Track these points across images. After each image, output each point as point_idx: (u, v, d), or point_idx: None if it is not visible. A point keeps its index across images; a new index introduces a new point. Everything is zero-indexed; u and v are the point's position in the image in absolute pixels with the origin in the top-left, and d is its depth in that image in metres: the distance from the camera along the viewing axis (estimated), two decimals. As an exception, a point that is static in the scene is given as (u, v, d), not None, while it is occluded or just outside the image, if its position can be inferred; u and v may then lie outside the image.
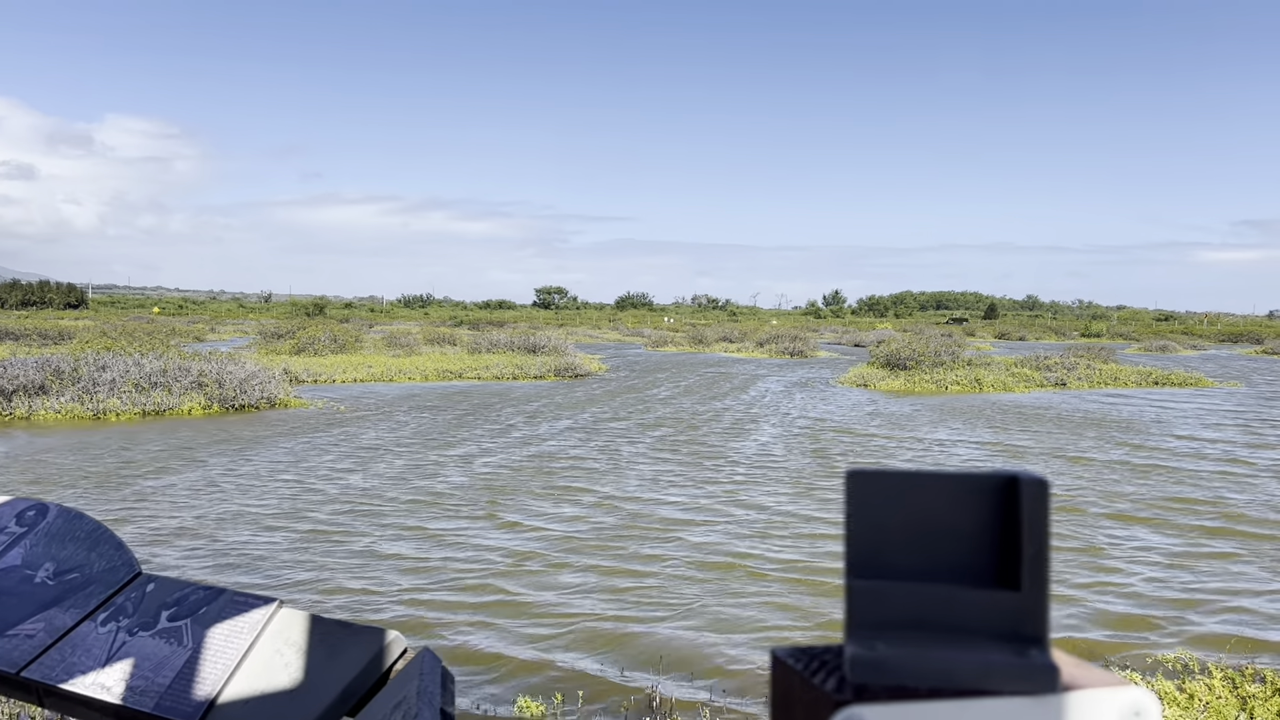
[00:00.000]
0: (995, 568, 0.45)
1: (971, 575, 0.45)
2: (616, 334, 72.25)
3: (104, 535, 1.88)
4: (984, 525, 0.45)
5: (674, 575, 7.52)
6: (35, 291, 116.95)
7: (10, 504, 2.01)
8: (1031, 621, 0.45)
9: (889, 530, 0.45)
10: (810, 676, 0.44)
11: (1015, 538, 0.45)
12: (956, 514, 0.45)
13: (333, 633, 1.56)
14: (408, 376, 26.83)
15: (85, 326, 45.96)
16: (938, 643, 0.45)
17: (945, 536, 0.45)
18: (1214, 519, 9.78)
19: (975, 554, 0.45)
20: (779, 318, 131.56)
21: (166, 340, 22.84)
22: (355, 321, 72.39)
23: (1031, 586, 0.45)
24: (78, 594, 1.76)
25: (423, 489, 10.79)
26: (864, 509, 0.45)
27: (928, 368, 27.84)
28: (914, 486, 0.45)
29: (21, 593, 1.79)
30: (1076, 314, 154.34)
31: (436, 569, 7.66)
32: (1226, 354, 53.88)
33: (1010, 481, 0.45)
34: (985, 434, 16.57)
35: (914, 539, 0.45)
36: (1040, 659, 0.44)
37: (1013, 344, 68.98)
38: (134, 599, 1.73)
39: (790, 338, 46.75)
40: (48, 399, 16.78)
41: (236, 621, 1.62)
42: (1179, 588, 7.42)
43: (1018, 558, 0.45)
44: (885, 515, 0.45)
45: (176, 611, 1.67)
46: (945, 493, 0.45)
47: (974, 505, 0.45)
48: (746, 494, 10.60)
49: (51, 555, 1.85)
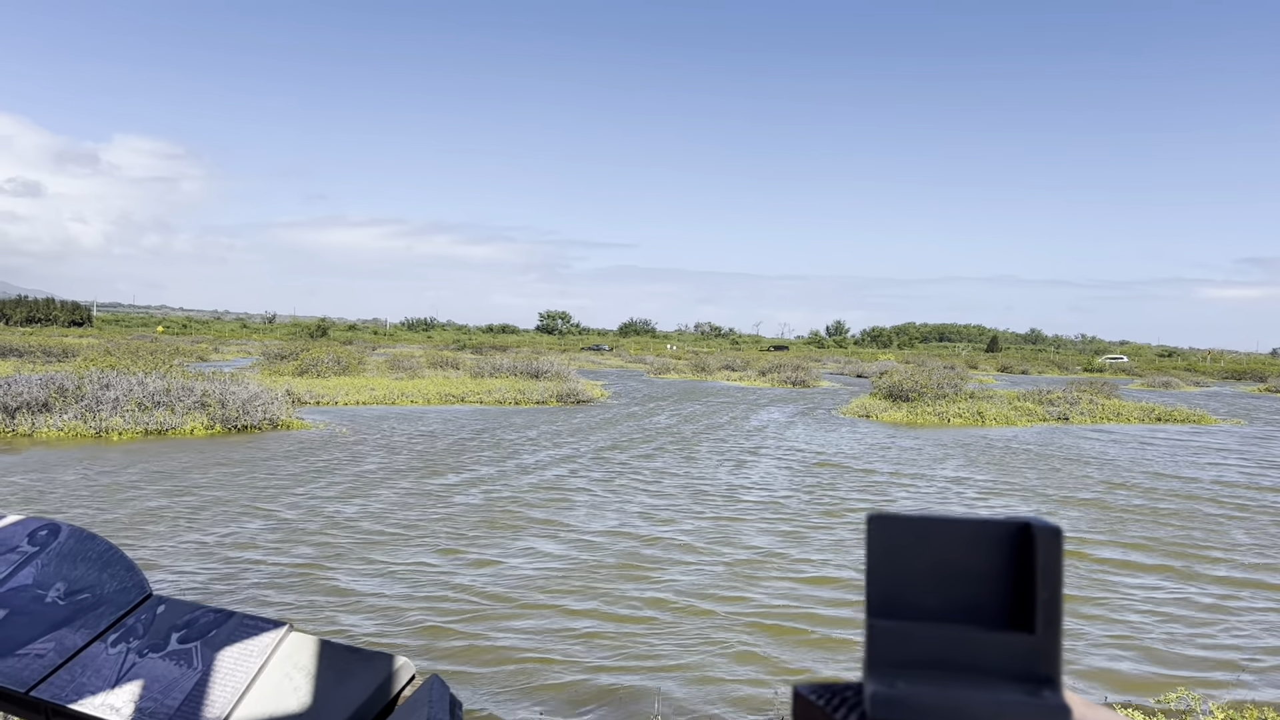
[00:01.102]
0: (1010, 610, 0.44)
1: (987, 617, 0.44)
2: (619, 360, 72.29)
3: (115, 556, 1.90)
4: (999, 569, 0.44)
5: (647, 620, 7.22)
6: (40, 309, 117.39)
7: (23, 523, 2.02)
8: (1045, 663, 0.43)
9: (908, 572, 0.45)
10: (832, 712, 0.45)
11: (1030, 582, 0.44)
12: (973, 558, 0.46)
13: (342, 658, 1.57)
14: (410, 399, 26.85)
15: (89, 344, 46.09)
16: (955, 682, 0.45)
17: (962, 579, 0.46)
18: (1240, 570, 9.50)
19: (991, 597, 0.44)
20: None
21: (170, 360, 22.89)
22: (358, 344, 72.53)
23: (1045, 629, 0.43)
24: (88, 614, 1.77)
25: (404, 520, 10.53)
26: (884, 552, 0.45)
27: (930, 400, 27.84)
28: (932, 531, 0.45)
29: (32, 612, 1.80)
30: (1079, 349, 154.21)
31: (395, 610, 7.34)
32: (1230, 391, 53.80)
33: (1025, 528, 0.46)
34: (990, 472, 16.54)
35: (932, 581, 0.46)
36: (1053, 699, 0.45)
37: (1015, 377, 68.94)
38: (144, 620, 1.73)
39: (793, 367, 46.77)
40: (50, 416, 16.81)
41: (246, 645, 1.62)
42: (1199, 644, 7.37)
43: (1032, 601, 0.43)
44: (904, 558, 0.46)
45: (187, 634, 1.68)
46: (962, 537, 0.46)
47: (990, 550, 0.44)
48: (739, 532, 10.33)
49: (63, 575, 1.87)
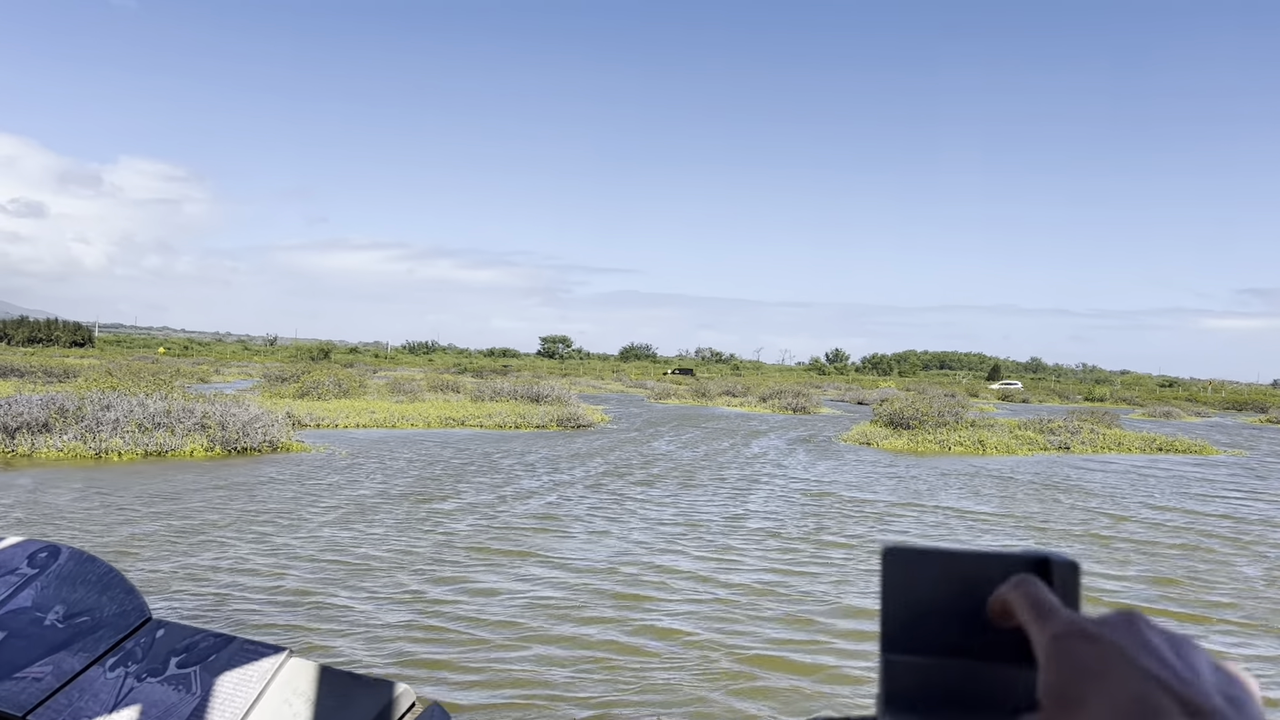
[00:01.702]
0: (1027, 646, 0.45)
1: (1003, 652, 0.46)
2: (620, 385, 72.27)
3: (115, 579, 1.89)
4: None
5: (645, 652, 6.94)
6: (42, 329, 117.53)
7: (22, 545, 2.02)
8: None
9: (923, 606, 0.46)
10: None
11: None
12: (989, 592, 0.46)
13: (342, 684, 1.57)
14: (410, 423, 26.81)
15: (91, 365, 46.11)
16: (972, 718, 0.45)
17: (979, 614, 0.46)
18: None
19: (1007, 632, 0.46)
20: (782, 373, 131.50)
21: (171, 381, 22.91)
22: (359, 367, 72.56)
23: None
24: (87, 638, 1.77)
25: (398, 547, 10.31)
26: (898, 585, 0.46)
27: (931, 428, 27.79)
28: (948, 563, 0.46)
29: (31, 635, 1.79)
30: (1080, 378, 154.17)
31: (386, 638, 7.25)
32: (1232, 422, 53.71)
33: (1042, 562, 0.46)
34: (993, 504, 16.48)
35: (947, 616, 0.46)
36: None
37: (1015, 406, 68.89)
38: (143, 644, 1.73)
39: (793, 394, 46.73)
40: (50, 437, 16.78)
41: (245, 670, 1.62)
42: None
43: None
44: (919, 591, 0.46)
45: (186, 658, 1.67)
46: (979, 570, 0.46)
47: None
48: (736, 566, 9.94)
49: (62, 598, 1.86)
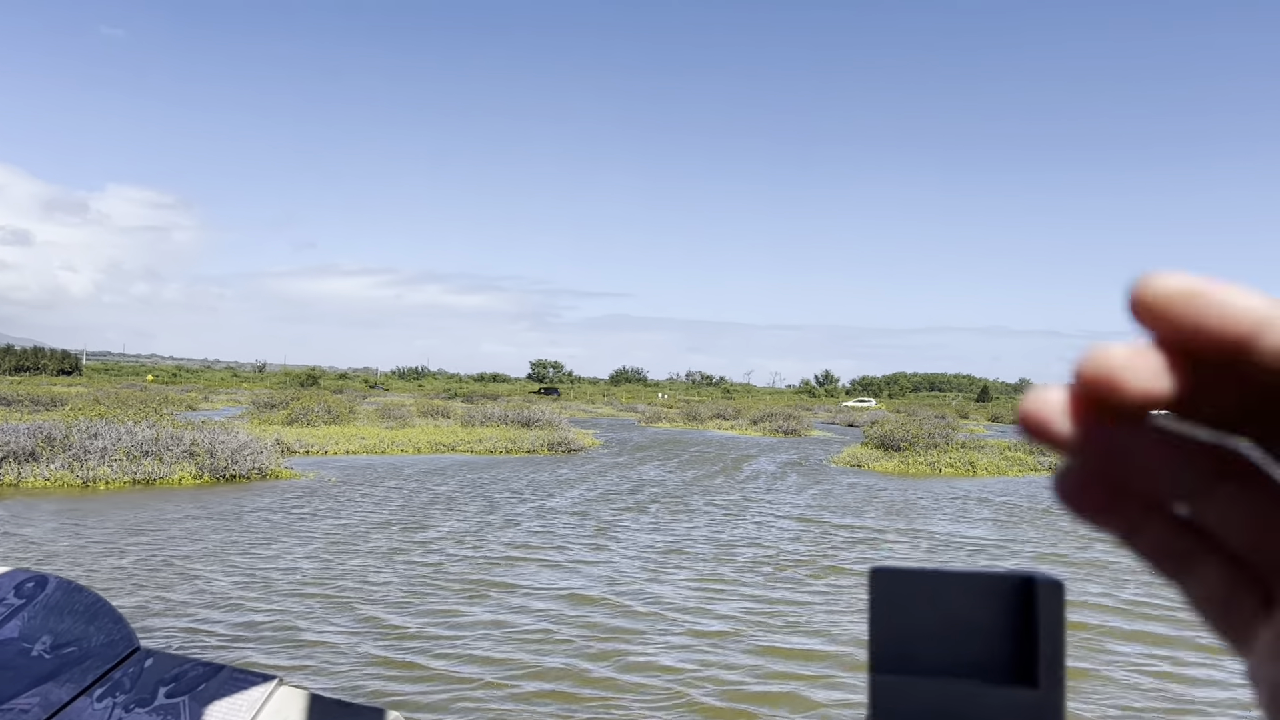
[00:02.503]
0: (1013, 665, 0.45)
1: (991, 672, 0.44)
2: (610, 409, 72.18)
3: (103, 608, 1.88)
4: (1002, 624, 0.44)
5: (631, 687, 6.75)
6: (29, 357, 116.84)
7: (10, 575, 2.01)
8: (1049, 718, 0.43)
9: (910, 626, 0.45)
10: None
11: (1033, 637, 0.44)
12: (975, 612, 0.46)
13: (332, 712, 1.56)
14: (400, 449, 26.71)
15: (78, 393, 45.84)
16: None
17: (965, 634, 0.45)
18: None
19: (994, 652, 0.44)
20: (773, 396, 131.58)
21: (160, 408, 22.76)
22: (349, 393, 72.26)
23: (1049, 685, 0.43)
24: (74, 668, 1.75)
25: (381, 578, 10.18)
26: (886, 606, 0.45)
27: (921, 449, 27.82)
28: (935, 584, 0.45)
29: (18, 666, 1.78)
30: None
31: (365, 670, 7.19)
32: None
33: (1027, 582, 0.46)
34: (984, 527, 16.50)
35: (934, 636, 0.46)
36: None
37: (1005, 427, 69.03)
38: (131, 674, 1.72)
39: (784, 416, 46.76)
40: (38, 465, 16.66)
41: (235, 699, 1.61)
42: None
43: (1035, 656, 0.44)
44: (907, 612, 0.46)
45: (175, 688, 1.66)
46: (964, 591, 0.46)
47: (992, 605, 0.44)
48: (724, 595, 9.69)
49: (50, 628, 1.85)
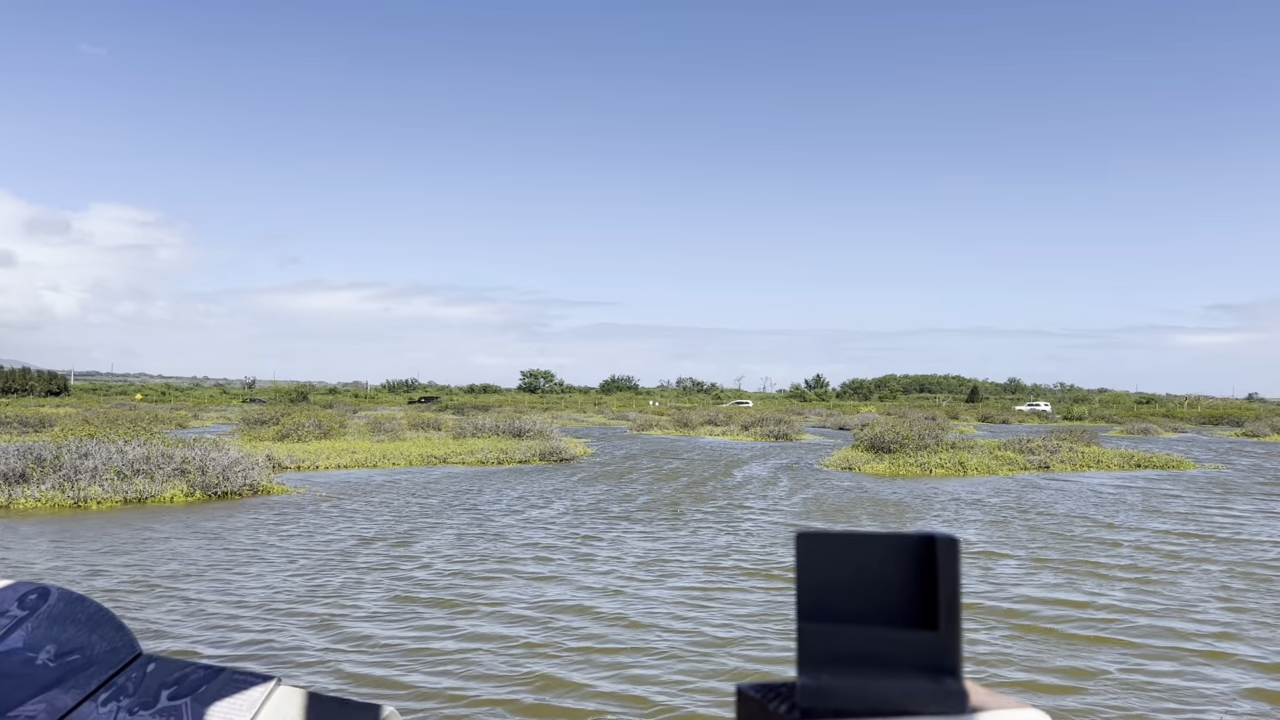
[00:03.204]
0: (918, 612, 0.55)
1: (899, 618, 0.55)
2: (602, 417, 72.22)
3: (105, 617, 1.93)
4: (908, 577, 0.54)
5: (618, 696, 6.69)
6: (16, 379, 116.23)
7: (12, 587, 2.06)
8: (947, 656, 0.54)
9: (831, 581, 0.55)
10: (767, 704, 0.53)
11: (933, 587, 0.54)
12: (886, 568, 0.55)
13: (330, 710, 1.61)
14: (392, 462, 26.70)
15: (67, 414, 45.66)
16: (872, 673, 0.54)
17: (877, 586, 0.55)
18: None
19: (901, 600, 0.55)
20: (764, 401, 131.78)
21: (150, 427, 22.71)
22: (339, 407, 72.16)
23: (947, 627, 0.54)
24: (79, 675, 1.81)
25: (369, 595, 10.32)
26: (811, 564, 0.54)
27: (912, 451, 27.95)
28: (852, 545, 0.55)
29: (23, 675, 1.83)
30: (1058, 397, 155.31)
31: (345, 690, 7.28)
32: (1208, 437, 54.27)
33: (928, 540, 0.54)
34: (975, 528, 16.57)
35: (852, 589, 0.55)
36: (954, 686, 0.54)
37: (995, 427, 69.30)
38: (134, 679, 1.77)
39: (775, 421, 46.87)
40: (28, 487, 16.62)
41: (235, 699, 1.66)
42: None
43: (935, 603, 0.54)
44: (828, 569, 0.55)
45: (177, 690, 1.71)
46: (877, 550, 0.55)
47: (900, 560, 0.55)
48: (705, 605, 9.50)
49: (53, 638, 1.90)
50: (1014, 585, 10.45)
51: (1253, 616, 9.14)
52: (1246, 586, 10.54)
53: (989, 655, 7.70)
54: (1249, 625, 8.80)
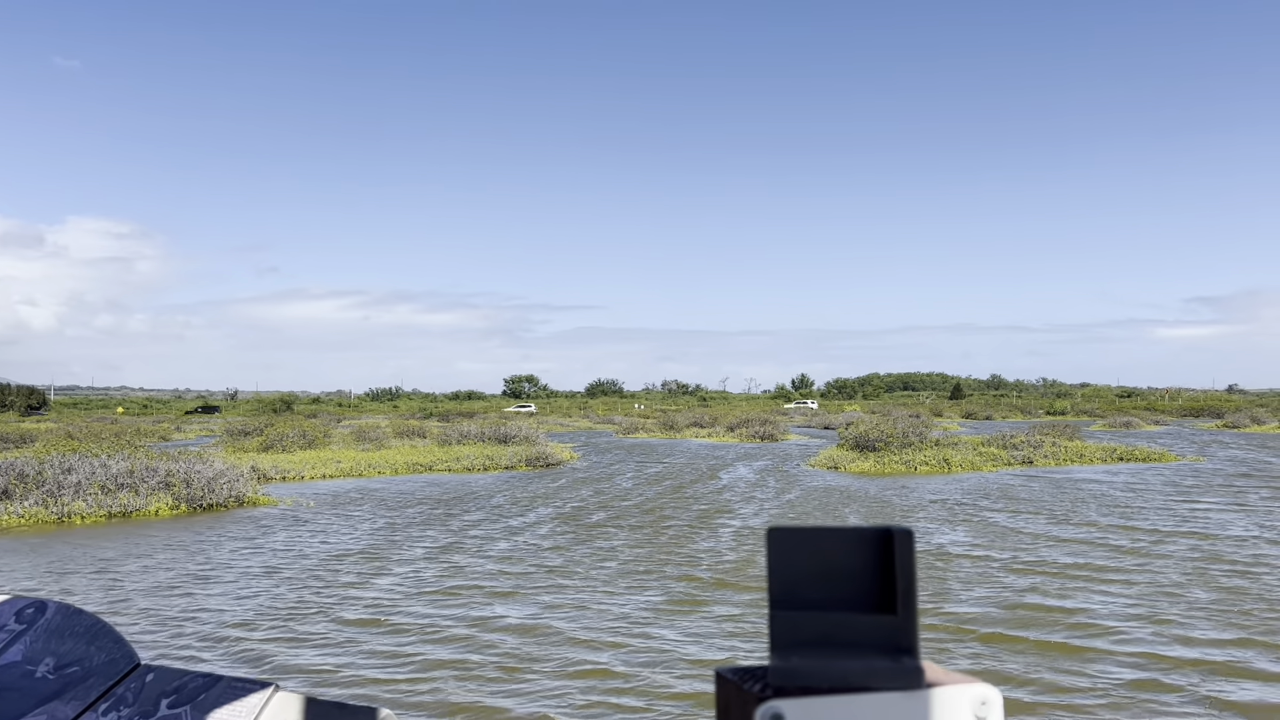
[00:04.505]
0: (878, 598, 0.60)
1: (861, 604, 0.61)
2: (587, 422, 72.22)
3: (103, 629, 1.97)
4: (869, 567, 0.61)
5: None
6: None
7: (9, 602, 2.09)
8: (905, 637, 0.60)
9: (800, 572, 0.61)
10: (742, 685, 0.59)
11: (891, 575, 0.60)
12: (849, 559, 0.61)
13: (328, 714, 1.65)
14: (378, 470, 26.63)
15: (48, 429, 45.26)
16: (837, 654, 0.60)
17: (841, 576, 0.61)
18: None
19: (863, 588, 0.61)
20: (749, 402, 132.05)
21: (134, 440, 22.57)
22: (323, 416, 71.82)
23: (904, 611, 0.60)
24: (78, 687, 1.84)
25: (338, 613, 9.80)
26: (781, 557, 0.61)
27: (897, 449, 28.10)
28: (818, 538, 0.61)
29: (22, 688, 1.86)
30: (1041, 392, 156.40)
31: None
32: (1189, 430, 54.79)
33: (886, 533, 0.61)
34: (961, 527, 16.69)
35: (818, 578, 0.61)
36: (910, 664, 0.59)
37: (979, 423, 69.78)
38: (134, 689, 1.80)
39: (760, 421, 47.01)
40: (11, 503, 16.50)
41: (234, 706, 1.70)
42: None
43: (893, 590, 0.60)
44: (797, 561, 0.61)
45: (176, 699, 1.75)
46: (841, 543, 0.61)
47: (862, 552, 0.61)
48: (695, 612, 9.29)
49: (51, 650, 1.93)
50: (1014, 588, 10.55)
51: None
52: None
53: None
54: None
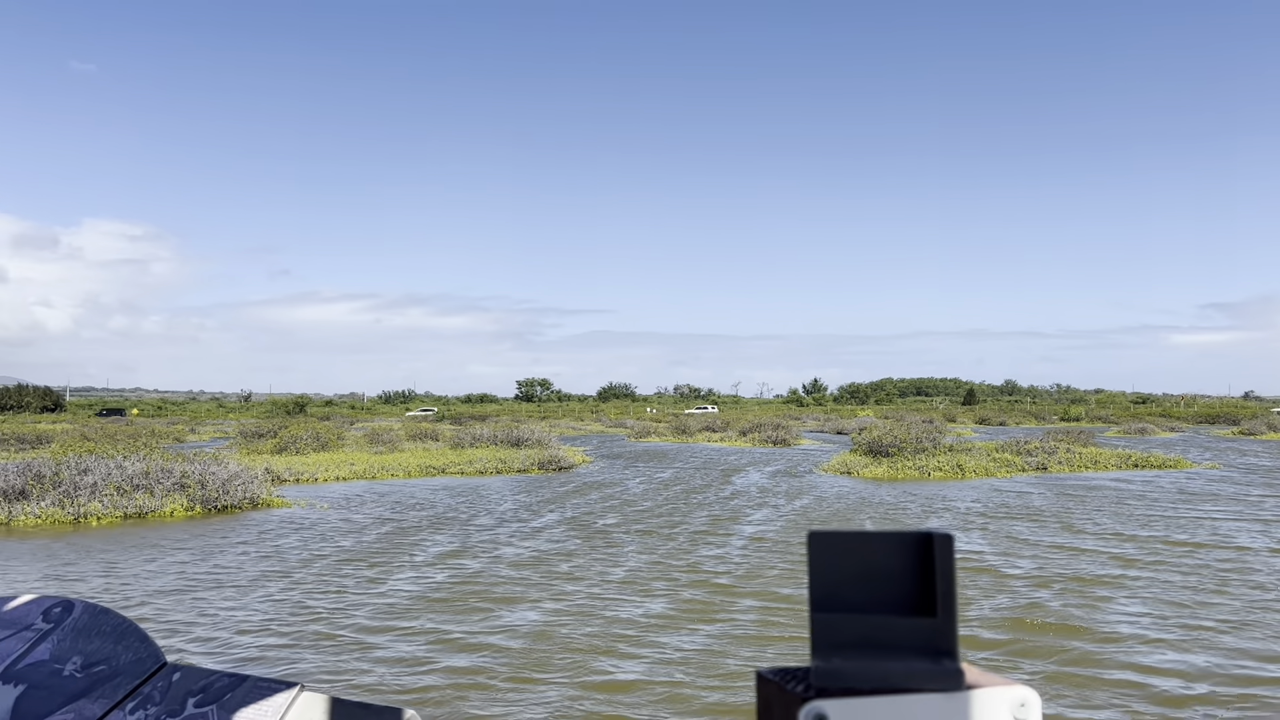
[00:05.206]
0: (918, 601, 0.61)
1: (901, 606, 0.62)
2: (599, 425, 72.26)
3: (130, 629, 1.99)
4: (909, 570, 0.62)
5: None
6: (12, 395, 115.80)
7: (37, 601, 2.11)
8: (945, 639, 0.61)
9: (840, 575, 0.62)
10: (784, 685, 0.61)
11: (931, 578, 0.61)
12: (890, 562, 0.62)
13: (353, 715, 1.67)
14: (391, 473, 26.71)
15: (64, 430, 45.61)
16: (878, 656, 0.61)
17: (882, 579, 0.62)
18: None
19: (903, 591, 0.62)
20: (761, 406, 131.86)
21: (150, 442, 22.74)
22: (336, 419, 72.12)
23: (944, 614, 0.61)
24: (106, 685, 1.86)
25: (344, 620, 10.03)
26: (822, 560, 0.62)
27: (910, 454, 28.00)
28: (859, 542, 0.62)
29: (51, 686, 1.88)
30: (1055, 398, 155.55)
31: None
32: (1205, 436, 54.41)
33: (926, 537, 0.62)
34: (983, 539, 16.61)
35: (859, 581, 0.62)
36: (951, 666, 0.60)
37: (993, 429, 69.44)
38: (160, 688, 1.82)
39: (773, 426, 46.94)
40: (28, 504, 16.63)
41: (260, 706, 1.72)
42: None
43: (933, 593, 0.61)
44: (838, 564, 0.62)
45: (202, 698, 1.77)
46: (880, 546, 0.62)
47: (902, 555, 0.62)
48: (711, 617, 9.20)
49: (79, 649, 1.95)
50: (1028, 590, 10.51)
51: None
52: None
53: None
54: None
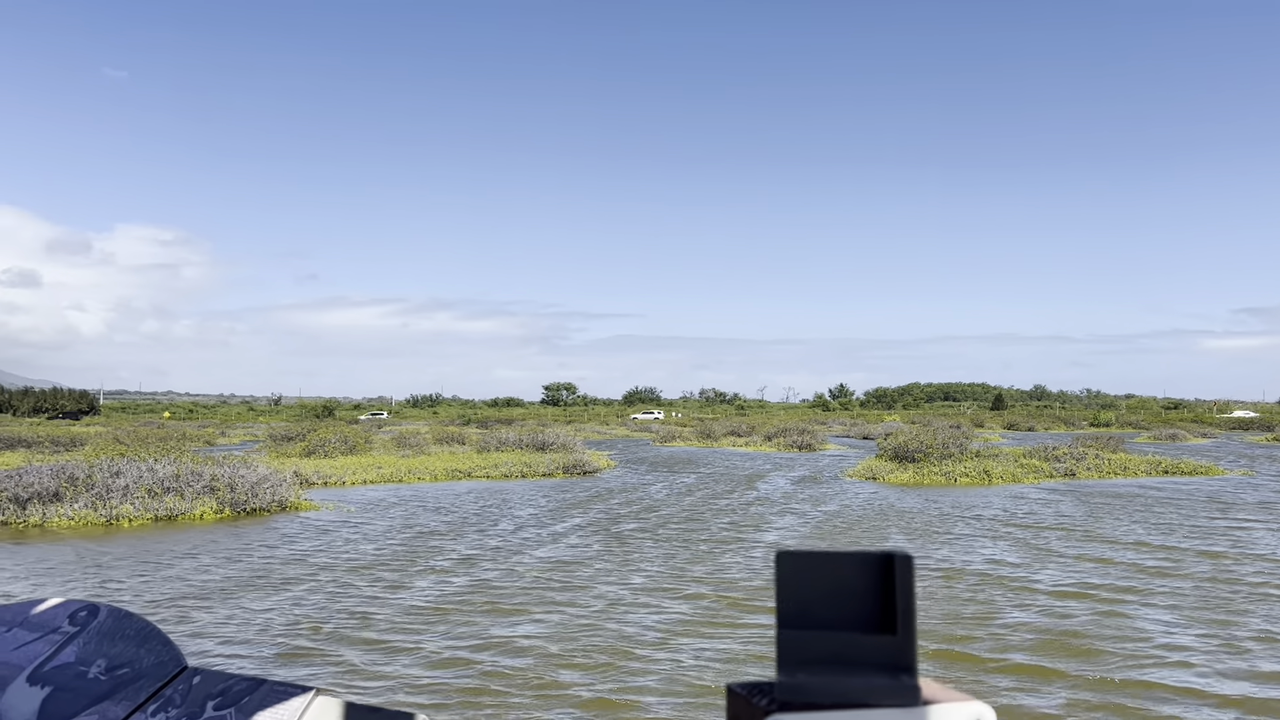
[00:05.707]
0: (879, 619, 0.64)
1: (863, 624, 0.64)
2: (625, 429, 72.28)
3: (152, 632, 2.04)
4: (871, 589, 0.64)
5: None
6: (47, 398, 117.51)
7: (64, 605, 2.17)
8: (904, 656, 0.63)
9: (807, 594, 0.64)
10: (751, 699, 0.63)
11: (892, 597, 0.63)
12: (853, 581, 0.65)
13: (366, 718, 1.71)
14: (418, 477, 26.89)
15: (97, 433, 46.29)
16: (840, 672, 0.63)
17: (845, 597, 0.65)
18: None
19: (866, 609, 0.64)
20: (786, 411, 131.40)
21: (181, 445, 23.04)
22: (364, 422, 72.71)
23: (903, 631, 0.63)
24: (128, 688, 1.91)
25: (367, 621, 10.21)
26: (789, 579, 0.64)
27: (936, 460, 27.80)
28: (823, 562, 0.65)
29: (76, 688, 1.93)
30: (1085, 403, 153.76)
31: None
32: (1237, 443, 53.59)
33: (888, 557, 0.64)
34: (1015, 550, 16.47)
35: (824, 599, 0.64)
36: (909, 682, 0.62)
37: (1021, 434, 68.73)
38: (181, 691, 1.87)
39: (798, 431, 46.78)
40: (61, 506, 16.91)
41: (277, 710, 1.76)
42: None
43: (894, 611, 0.63)
44: (805, 583, 0.64)
45: (221, 701, 1.81)
46: (844, 566, 0.65)
47: (865, 575, 0.64)
48: (734, 627, 9.14)
49: (103, 652, 2.00)
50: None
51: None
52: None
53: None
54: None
